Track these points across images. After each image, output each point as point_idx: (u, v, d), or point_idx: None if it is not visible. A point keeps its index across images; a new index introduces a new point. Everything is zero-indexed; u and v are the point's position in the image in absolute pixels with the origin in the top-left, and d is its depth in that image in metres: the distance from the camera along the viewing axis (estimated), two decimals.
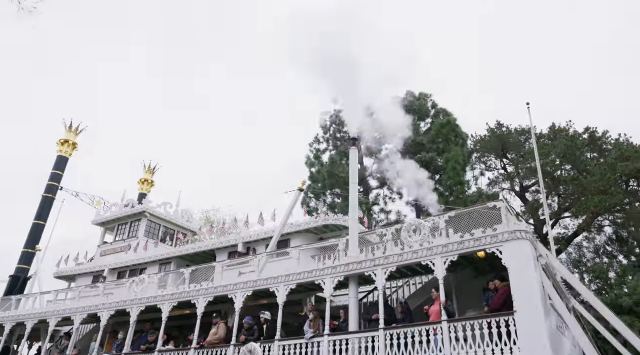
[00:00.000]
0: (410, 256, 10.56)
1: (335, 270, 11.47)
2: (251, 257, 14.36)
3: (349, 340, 10.47)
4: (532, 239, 9.88)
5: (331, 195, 40.41)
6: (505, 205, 10.30)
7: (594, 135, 35.27)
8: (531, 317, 8.64)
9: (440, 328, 9.44)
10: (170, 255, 18.31)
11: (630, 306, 25.45)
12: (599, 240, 34.23)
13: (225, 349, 12.38)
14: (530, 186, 37.49)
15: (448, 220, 10.85)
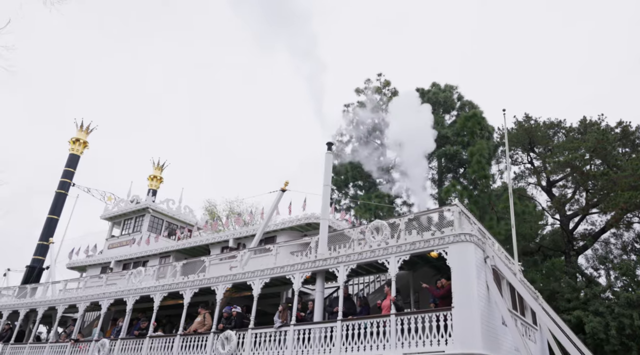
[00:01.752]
0: (369, 255, 11.25)
1: (303, 266, 12.33)
2: (235, 253, 15.02)
3: (311, 330, 11.30)
4: (478, 242, 10.32)
5: (354, 187, 40.64)
6: (458, 210, 10.76)
7: (627, 129, 33.46)
8: (466, 312, 9.30)
9: (389, 320, 10.14)
10: (169, 248, 19.27)
11: None
12: (627, 236, 32.58)
13: (205, 336, 13.34)
14: (557, 181, 36.15)
15: (407, 222, 11.46)
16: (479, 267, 10.16)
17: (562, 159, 33.11)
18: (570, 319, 26.92)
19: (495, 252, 11.48)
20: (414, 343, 9.59)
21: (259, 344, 12.21)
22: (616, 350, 24.76)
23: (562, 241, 33.99)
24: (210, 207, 36.32)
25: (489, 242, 12.11)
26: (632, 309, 24.83)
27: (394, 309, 10.35)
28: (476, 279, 9.80)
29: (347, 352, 10.36)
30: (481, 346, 8.99)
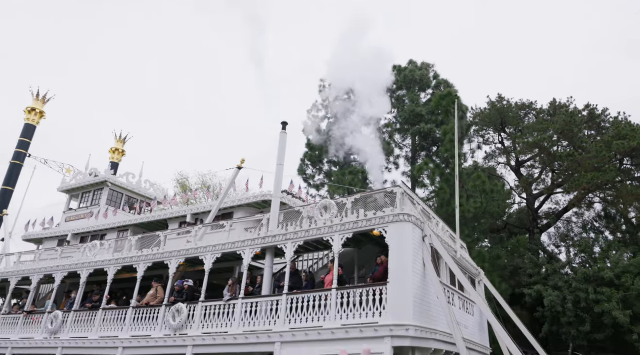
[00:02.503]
0: (315, 232, 11.52)
1: (253, 242, 12.52)
2: (190, 228, 14.95)
3: (258, 303, 11.59)
4: (417, 222, 10.64)
5: (328, 163, 40.41)
6: (401, 191, 11.04)
7: (594, 112, 33.72)
8: (400, 287, 9.72)
9: (330, 294, 10.51)
10: (127, 223, 18.94)
11: (611, 278, 25.08)
12: (587, 216, 33.26)
13: (157, 308, 13.45)
14: (526, 161, 36.50)
15: (354, 201, 11.70)
16: (417, 245, 10.47)
17: (531, 140, 33.36)
18: (531, 293, 27.58)
19: (436, 232, 11.77)
20: (352, 315, 9.94)
21: (209, 316, 12.34)
22: (571, 322, 25.52)
23: (528, 219, 34.56)
24: (182, 180, 35.82)
25: (433, 222, 12.51)
26: (588, 283, 25.50)
27: (335, 283, 10.62)
28: (412, 256, 10.13)
29: (290, 324, 10.67)
30: (412, 318, 9.40)
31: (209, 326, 12.15)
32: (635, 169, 32.05)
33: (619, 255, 26.60)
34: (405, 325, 9.29)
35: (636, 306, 23.77)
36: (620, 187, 29.98)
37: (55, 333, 15.31)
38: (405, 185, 12.12)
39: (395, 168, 40.60)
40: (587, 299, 24.91)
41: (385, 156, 39.97)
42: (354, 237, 11.42)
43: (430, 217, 12.66)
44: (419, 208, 11.71)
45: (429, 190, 39.14)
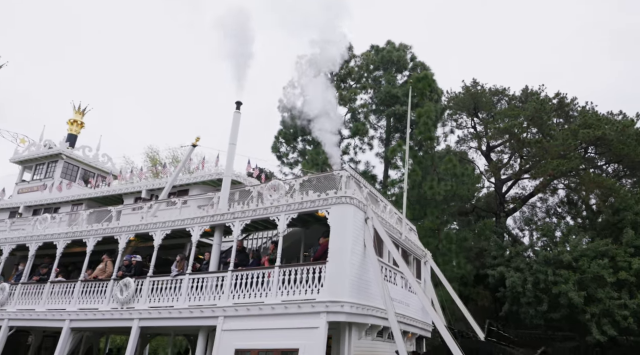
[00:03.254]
0: (262, 212, 11.61)
1: (202, 220, 12.47)
2: (142, 204, 14.77)
3: (205, 279, 11.70)
4: (359, 204, 10.86)
5: (302, 141, 39.84)
6: (346, 174, 11.28)
7: (563, 101, 33.88)
8: (338, 266, 9.95)
9: (273, 271, 10.72)
10: (81, 196, 18.37)
11: (569, 261, 25.59)
12: (551, 201, 33.72)
13: (106, 282, 13.31)
14: (496, 146, 36.62)
15: (302, 183, 11.92)
16: (358, 226, 10.69)
17: (502, 126, 33.38)
18: (494, 274, 27.97)
19: (382, 215, 12.03)
20: (292, 292, 10.18)
21: (156, 290, 12.26)
22: (530, 302, 26.02)
23: (495, 203, 34.86)
24: (152, 154, 34.98)
25: (380, 205, 12.75)
26: (548, 266, 25.94)
27: (278, 261, 10.82)
28: (352, 237, 10.35)
29: (234, 300, 10.82)
30: (347, 295, 9.68)
31: (156, 300, 12.08)
32: (599, 157, 32.44)
33: (577, 239, 27.08)
34: (341, 301, 9.52)
35: (591, 288, 24.30)
36: (583, 174, 30.33)
37: (2, 305, 14.95)
38: (352, 168, 11.86)
39: (370, 149, 40.25)
40: (546, 280, 25.37)
41: (360, 137, 39.59)
42: (300, 218, 11.57)
43: (377, 200, 12.88)
44: (365, 191, 11.84)
45: (401, 172, 39.07)
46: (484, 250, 31.16)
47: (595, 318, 23.72)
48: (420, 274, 15.02)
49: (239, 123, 13.54)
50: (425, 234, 30.23)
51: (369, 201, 11.58)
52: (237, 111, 13.65)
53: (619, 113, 31.19)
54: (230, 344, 10.17)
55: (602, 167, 32.89)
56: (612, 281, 23.82)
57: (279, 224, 11.19)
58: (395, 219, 13.57)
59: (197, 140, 15.99)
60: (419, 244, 15.43)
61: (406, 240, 13.64)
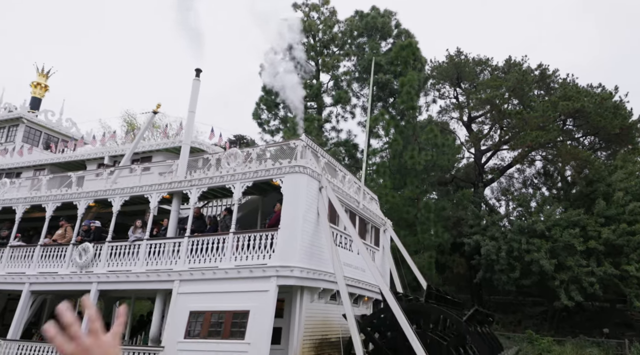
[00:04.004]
0: (218, 180, 11.68)
1: (160, 187, 12.45)
2: (100, 170, 14.51)
3: (162, 244, 11.76)
4: (313, 174, 10.99)
5: (284, 108, 38.91)
6: (302, 144, 11.32)
7: (545, 72, 33.40)
8: (289, 233, 10.18)
9: (228, 237, 10.86)
10: (43, 161, 17.82)
11: (542, 230, 25.83)
12: (528, 172, 33.74)
13: (65, 247, 13.13)
14: (477, 117, 36.24)
15: (259, 152, 12.01)
16: (312, 195, 10.84)
17: (484, 96, 32.88)
18: (470, 242, 28.12)
19: (338, 184, 12.27)
20: (245, 257, 10.36)
21: (114, 255, 12.19)
22: (503, 270, 26.31)
23: (474, 174, 34.77)
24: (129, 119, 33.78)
25: (339, 175, 12.98)
26: (522, 235, 26.11)
27: (233, 228, 10.89)
28: (305, 205, 10.51)
29: (190, 264, 10.93)
30: (298, 260, 9.94)
31: (114, 265, 12.02)
32: (576, 129, 32.33)
33: (551, 209, 27.23)
34: (290, 266, 9.76)
35: (561, 256, 24.58)
36: (560, 146, 30.25)
37: None
38: (309, 139, 12.29)
39: (352, 117, 39.50)
40: (519, 248, 25.60)
41: (342, 105, 38.74)
42: (258, 186, 11.70)
43: (336, 170, 13.06)
44: (323, 161, 11.94)
45: (382, 141, 38.59)
46: (461, 219, 31.23)
47: (564, 284, 24.10)
48: (379, 241, 15.22)
49: (198, 91, 13.29)
50: (405, 203, 30.10)
51: (326, 171, 11.70)
52: (197, 79, 13.38)
53: (599, 86, 30.92)
54: (185, 306, 10.29)
55: (579, 140, 32.86)
56: (581, 250, 24.11)
57: (234, 191, 11.21)
58: (355, 189, 13.65)
59: (157, 107, 15.64)
60: (379, 213, 15.56)
61: (365, 209, 13.75)
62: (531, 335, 23.71)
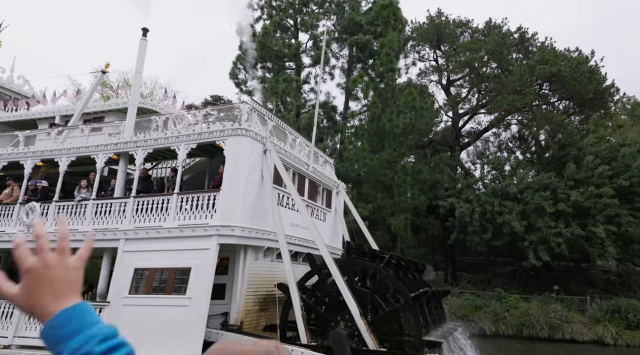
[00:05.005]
0: (163, 141, 11.75)
1: (106, 148, 12.43)
2: (49, 130, 14.23)
3: (109, 204, 11.92)
4: (256, 137, 11.16)
5: (262, 69, 37.93)
6: (247, 107, 11.46)
7: (524, 35, 33.06)
8: (231, 194, 10.45)
9: (172, 198, 11.13)
10: None
11: (515, 193, 26.50)
12: (504, 136, 34.05)
13: (12, 206, 13.01)
14: (456, 80, 36.13)
15: (205, 114, 12.06)
16: (256, 157, 11.10)
17: (464, 59, 32.59)
18: (445, 204, 28.68)
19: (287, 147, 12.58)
20: (188, 217, 10.61)
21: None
22: (476, 231, 27.06)
23: (451, 137, 35.02)
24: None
25: (289, 138, 13.16)
26: (495, 197, 26.72)
27: (177, 189, 11.14)
28: (247, 167, 10.76)
29: (135, 223, 11.17)
30: (239, 220, 10.25)
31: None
32: (552, 94, 32.66)
33: (524, 173, 27.82)
34: (231, 226, 10.04)
35: (531, 218, 25.36)
36: (535, 110, 30.57)
37: None
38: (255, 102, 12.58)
39: (331, 79, 38.80)
40: (492, 211, 26.25)
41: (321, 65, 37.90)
42: (203, 148, 11.91)
43: (286, 133, 13.32)
44: (271, 124, 12.16)
45: (361, 104, 38.26)
46: (437, 182, 31.67)
47: (532, 245, 24.94)
48: (332, 203, 15.62)
49: (145, 51, 13.08)
50: (382, 166, 30.24)
51: (273, 134, 11.90)
52: (143, 38, 13.04)
53: (576, 50, 30.98)
54: (130, 264, 10.63)
55: (554, 104, 33.21)
56: (551, 211, 24.84)
57: (179, 153, 11.42)
58: (307, 152, 13.87)
59: (106, 66, 15.36)
60: (331, 176, 15.93)
61: (315, 172, 14.03)
62: (500, 293, 24.75)
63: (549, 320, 21.52)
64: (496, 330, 22.10)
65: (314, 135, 14.19)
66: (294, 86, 36.26)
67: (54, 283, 0.95)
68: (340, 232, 15.66)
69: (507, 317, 22.31)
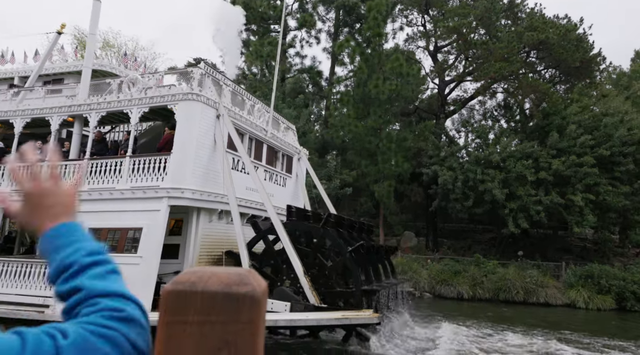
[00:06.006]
0: (116, 104, 11.83)
1: (60, 110, 12.47)
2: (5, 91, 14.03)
3: (63, 166, 11.84)
4: (208, 101, 11.34)
5: (247, 31, 36.71)
6: (200, 72, 11.52)
7: (513, 1, 32.25)
8: (181, 157, 10.72)
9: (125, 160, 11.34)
10: None
11: (497, 162, 26.59)
12: (489, 104, 33.76)
13: None
14: (444, 46, 35.44)
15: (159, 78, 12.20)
16: (207, 122, 11.30)
17: (452, 24, 31.80)
18: (429, 172, 28.67)
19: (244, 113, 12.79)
20: (140, 179, 10.88)
21: None
22: (458, 198, 27.20)
23: (437, 105, 34.67)
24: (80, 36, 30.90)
25: (248, 104, 13.30)
26: (478, 165, 26.72)
27: (130, 152, 11.36)
28: (198, 131, 10.96)
29: (90, 185, 11.33)
30: (189, 183, 10.56)
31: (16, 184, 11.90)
32: (539, 62, 32.31)
33: (508, 141, 27.82)
34: (181, 188, 10.39)
35: (513, 186, 25.51)
36: (522, 78, 30.26)
37: None
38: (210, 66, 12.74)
39: (317, 43, 37.84)
40: (474, 178, 26.31)
41: (307, 29, 36.88)
42: (157, 112, 12.03)
43: (244, 99, 13.41)
44: (227, 90, 12.28)
45: (347, 69, 37.47)
46: (421, 150, 31.57)
47: (512, 213, 25.29)
48: (292, 169, 15.99)
49: (98, 13, 12.92)
50: (367, 132, 29.96)
51: (226, 98, 12.04)
52: (97, 0, 12.80)
53: (565, 17, 30.37)
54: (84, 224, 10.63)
55: (541, 73, 32.83)
56: (532, 180, 25.05)
57: (131, 117, 11.55)
58: (267, 118, 14.03)
59: (62, 27, 15.06)
60: (293, 143, 16.14)
61: (274, 138, 14.27)
62: (478, 259, 25.16)
63: (524, 285, 22.01)
64: (473, 294, 22.58)
65: (273, 101, 14.23)
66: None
67: (51, 207, 0.99)
68: (301, 197, 15.98)
69: (484, 282, 22.76)
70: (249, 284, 0.67)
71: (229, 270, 0.70)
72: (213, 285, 0.66)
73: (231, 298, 0.65)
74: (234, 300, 0.65)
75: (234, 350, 0.63)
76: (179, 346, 0.63)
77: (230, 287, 0.66)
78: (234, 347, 0.64)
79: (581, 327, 15.72)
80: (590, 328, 15.56)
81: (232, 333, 0.64)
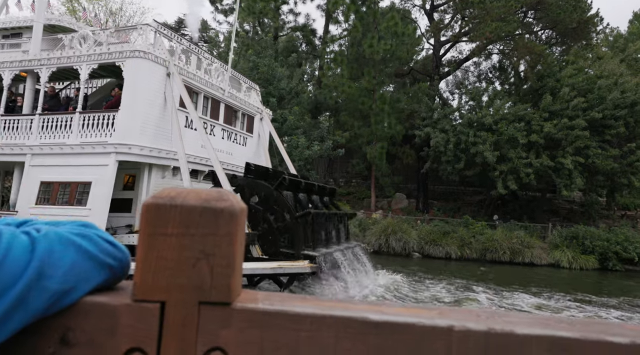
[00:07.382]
0: (65, 60, 11.91)
1: (11, 65, 12.52)
2: None
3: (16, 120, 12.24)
4: (157, 59, 11.34)
5: None
6: (149, 28, 11.65)
7: None
8: (129, 114, 10.90)
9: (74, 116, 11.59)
10: None
11: (490, 124, 26.39)
12: (484, 66, 33.04)
13: None
14: (440, 5, 34.38)
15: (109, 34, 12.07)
16: (157, 80, 11.34)
17: None
18: (421, 134, 28.43)
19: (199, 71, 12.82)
20: (90, 134, 11.14)
21: None
22: (449, 161, 27.09)
23: (431, 66, 33.96)
24: None
25: (204, 62, 13.36)
26: (470, 128, 26.43)
27: (80, 108, 11.60)
28: (146, 89, 11.07)
29: (41, 139, 11.57)
30: (137, 139, 10.78)
31: None
32: (536, 22, 31.49)
33: (501, 104, 27.51)
34: (129, 144, 10.63)
35: (504, 148, 25.40)
36: (518, 39, 29.58)
37: None
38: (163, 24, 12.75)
39: (311, 0, 36.59)
40: (466, 141, 26.09)
41: None
42: (109, 69, 12.08)
43: (200, 58, 13.46)
44: (180, 48, 12.38)
45: (342, 28, 36.38)
46: (414, 112, 31.19)
47: (502, 175, 25.36)
48: (253, 129, 16.09)
49: None
50: (361, 93, 29.44)
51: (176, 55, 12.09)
52: None
53: None
54: (36, 177, 11.26)
55: (537, 34, 32.05)
56: (523, 143, 24.98)
57: (81, 73, 11.61)
58: (224, 77, 13.96)
59: None
60: (254, 103, 16.11)
61: (233, 97, 14.28)
62: (467, 220, 25.41)
63: (511, 246, 22.31)
64: (461, 255, 22.92)
65: (230, 59, 14.21)
66: (272, 6, 34.08)
67: None
68: (262, 157, 16.14)
69: (472, 243, 23.04)
70: (228, 200, 0.67)
71: (209, 189, 0.70)
72: (191, 200, 0.66)
73: (209, 212, 0.66)
74: (212, 214, 0.66)
75: (212, 260, 0.66)
76: (159, 255, 0.65)
77: (209, 202, 0.66)
78: (212, 258, 0.66)
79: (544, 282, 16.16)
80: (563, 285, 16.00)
81: (211, 245, 0.66)
